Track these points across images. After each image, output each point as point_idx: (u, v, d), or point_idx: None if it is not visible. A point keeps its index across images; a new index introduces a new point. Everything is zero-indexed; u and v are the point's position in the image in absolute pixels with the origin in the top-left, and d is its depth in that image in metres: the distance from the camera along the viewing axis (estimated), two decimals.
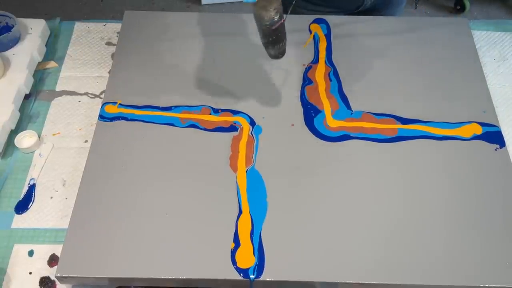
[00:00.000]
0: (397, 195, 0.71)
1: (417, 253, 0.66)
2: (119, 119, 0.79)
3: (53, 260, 0.69)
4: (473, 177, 0.73)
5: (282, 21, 0.66)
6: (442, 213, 0.70)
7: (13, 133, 0.81)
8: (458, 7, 2.15)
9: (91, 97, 0.87)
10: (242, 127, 0.78)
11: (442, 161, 0.75)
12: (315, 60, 0.88)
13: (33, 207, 0.74)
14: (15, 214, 0.73)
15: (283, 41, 0.70)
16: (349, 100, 0.82)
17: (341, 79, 0.85)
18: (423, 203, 0.71)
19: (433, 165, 0.74)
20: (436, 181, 0.73)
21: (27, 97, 0.86)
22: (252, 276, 0.63)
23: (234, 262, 0.65)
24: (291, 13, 0.74)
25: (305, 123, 0.79)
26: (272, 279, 0.64)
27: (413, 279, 0.64)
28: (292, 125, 0.79)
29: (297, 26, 0.93)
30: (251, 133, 0.78)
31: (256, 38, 0.91)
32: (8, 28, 0.90)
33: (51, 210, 0.73)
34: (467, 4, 2.11)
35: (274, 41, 0.69)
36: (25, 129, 0.82)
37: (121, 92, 0.82)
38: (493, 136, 0.78)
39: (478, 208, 0.70)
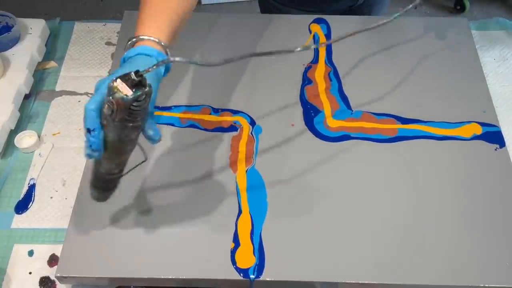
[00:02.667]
0: (397, 195, 0.71)
1: (417, 253, 0.66)
2: None
3: (53, 260, 0.69)
4: (473, 177, 0.73)
5: (118, 176, 0.59)
6: (442, 213, 0.70)
7: (13, 133, 0.80)
8: (458, 7, 2.15)
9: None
10: (242, 127, 0.78)
11: (442, 161, 0.75)
12: (315, 60, 0.88)
13: (33, 207, 0.74)
14: (15, 214, 0.73)
15: (111, 192, 0.61)
16: (349, 100, 0.82)
17: (341, 79, 0.85)
18: (423, 203, 0.71)
19: (433, 165, 0.74)
20: (436, 181, 0.73)
21: (27, 97, 0.86)
22: (252, 276, 0.63)
23: (234, 262, 0.65)
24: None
25: (305, 123, 0.79)
26: (272, 279, 0.64)
27: (413, 279, 0.64)
28: (292, 125, 0.79)
29: (297, 26, 0.93)
30: (251, 133, 0.77)
31: (256, 38, 0.91)
32: (8, 28, 0.90)
33: (51, 210, 0.73)
34: (467, 4, 2.12)
35: (104, 188, 0.61)
36: (25, 129, 0.82)
37: None
38: (493, 136, 0.78)
39: (478, 208, 0.70)
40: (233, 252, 0.66)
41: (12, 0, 1.31)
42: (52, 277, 0.67)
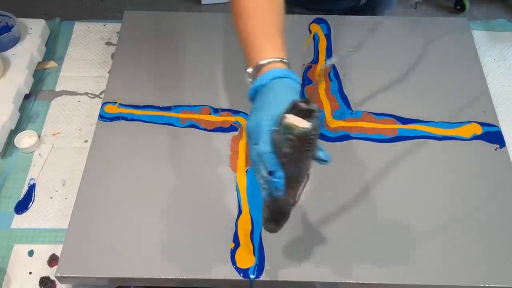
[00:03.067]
0: (397, 195, 0.71)
1: (417, 253, 0.66)
2: (119, 119, 0.79)
3: (53, 260, 0.69)
4: (473, 177, 0.73)
5: (295, 205, 0.57)
6: (442, 213, 0.70)
7: (13, 133, 0.80)
8: (458, 7, 2.15)
9: (91, 97, 0.87)
10: (242, 127, 0.78)
11: (442, 161, 0.75)
12: (315, 60, 0.88)
13: (33, 207, 0.74)
14: (15, 214, 0.73)
15: (286, 220, 0.60)
16: (349, 100, 0.82)
17: (341, 79, 0.85)
18: (423, 203, 0.71)
19: (433, 165, 0.74)
20: (436, 181, 0.73)
21: (27, 97, 0.86)
22: (252, 276, 0.63)
23: (234, 262, 0.65)
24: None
25: None
26: (272, 279, 0.64)
27: (413, 279, 0.64)
28: None
29: (297, 26, 0.93)
30: None
31: None
32: (8, 28, 0.90)
33: (51, 210, 0.73)
34: (467, 4, 2.12)
35: (281, 219, 0.59)
36: (25, 129, 0.82)
37: (121, 92, 0.82)
38: (493, 136, 0.78)
39: (478, 208, 0.70)
40: (233, 252, 0.65)
41: (12, 0, 1.30)
42: (52, 277, 0.67)
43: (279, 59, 0.56)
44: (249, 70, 0.57)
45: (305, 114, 0.46)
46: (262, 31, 0.58)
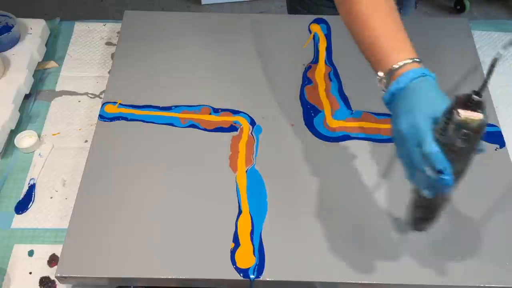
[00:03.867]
0: (397, 195, 0.71)
1: (417, 253, 0.66)
2: (119, 119, 0.79)
3: (53, 260, 0.69)
4: (473, 177, 0.73)
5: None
6: (442, 213, 0.69)
7: (13, 133, 0.80)
8: (458, 7, 2.15)
9: (91, 97, 0.87)
10: (242, 127, 0.78)
11: None
12: (315, 60, 0.88)
13: (33, 207, 0.74)
14: (15, 214, 0.73)
15: (438, 217, 0.62)
16: (349, 100, 0.82)
17: (341, 79, 0.85)
18: None
19: None
20: None
21: (27, 97, 0.86)
22: (252, 276, 0.63)
23: (234, 262, 0.65)
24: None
25: (305, 123, 0.79)
26: (272, 279, 0.64)
27: (413, 279, 0.64)
28: (292, 125, 0.79)
29: (297, 26, 0.93)
30: (251, 133, 0.77)
31: (256, 38, 0.91)
32: (8, 28, 0.90)
33: (51, 210, 0.73)
34: (467, 4, 2.11)
35: (434, 216, 0.61)
36: (25, 129, 0.82)
37: (121, 92, 0.82)
38: (493, 136, 0.78)
39: (478, 208, 0.70)
40: (233, 252, 0.65)
41: (12, 0, 1.30)
42: (52, 277, 0.67)
43: (412, 59, 0.55)
44: (381, 74, 0.56)
45: (474, 106, 0.48)
46: (389, 33, 0.57)
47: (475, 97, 0.47)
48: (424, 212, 0.60)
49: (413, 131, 0.51)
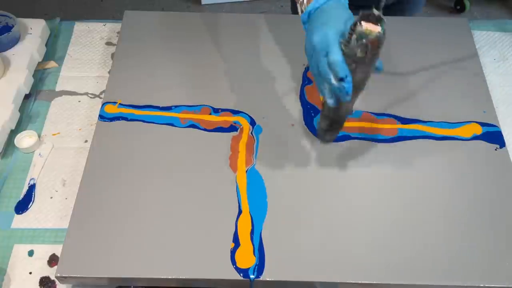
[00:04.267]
0: (397, 195, 0.71)
1: (417, 253, 0.66)
2: (119, 119, 0.79)
3: (53, 260, 0.69)
4: (473, 177, 0.73)
5: (352, 112, 0.67)
6: (442, 213, 0.70)
7: (13, 133, 0.81)
8: (458, 7, 2.15)
9: (91, 97, 0.87)
10: (242, 127, 0.78)
11: (442, 161, 0.75)
12: None
13: (33, 207, 0.74)
14: (15, 214, 0.73)
15: (341, 128, 0.71)
16: None
17: None
18: (423, 203, 0.71)
19: (433, 165, 0.74)
20: (436, 181, 0.73)
21: (27, 97, 0.86)
22: (252, 276, 0.63)
23: (234, 262, 0.65)
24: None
25: (305, 123, 0.79)
26: (272, 279, 0.64)
27: (413, 279, 0.64)
28: (292, 125, 0.79)
29: (297, 26, 0.93)
30: (252, 133, 0.77)
31: (256, 38, 0.91)
32: (8, 28, 0.90)
33: (51, 210, 0.73)
34: (467, 4, 2.11)
35: (338, 128, 0.71)
36: (25, 129, 0.82)
37: (121, 92, 0.82)
38: (493, 136, 0.78)
39: (478, 208, 0.70)
40: (233, 252, 0.66)
41: (12, 0, 1.30)
42: (52, 277, 0.67)
43: None
44: None
45: (375, 21, 0.54)
46: None
47: (375, 11, 0.54)
48: (328, 123, 0.69)
49: (323, 43, 0.58)
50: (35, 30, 0.92)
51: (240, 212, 0.69)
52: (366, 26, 0.54)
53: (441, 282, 0.64)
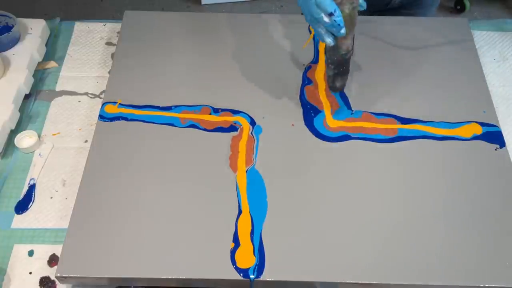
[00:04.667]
0: (397, 195, 0.71)
1: (417, 253, 0.66)
2: (119, 119, 0.79)
3: (53, 260, 0.69)
4: (473, 177, 0.73)
5: (352, 52, 0.72)
6: (442, 213, 0.70)
7: (13, 133, 0.81)
8: (458, 7, 2.15)
9: (91, 97, 0.87)
10: (242, 127, 0.78)
11: (442, 161, 0.75)
12: (315, 60, 0.88)
13: (33, 207, 0.74)
14: (15, 214, 0.73)
15: (348, 73, 0.76)
16: (349, 100, 0.82)
17: None
18: (423, 203, 0.71)
19: (433, 165, 0.74)
20: (436, 181, 0.73)
21: (27, 97, 0.86)
22: (252, 276, 0.63)
23: (234, 262, 0.65)
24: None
25: (305, 123, 0.79)
26: (273, 279, 0.64)
27: (413, 279, 0.64)
28: (292, 125, 0.79)
29: (297, 26, 0.93)
30: (252, 133, 0.77)
31: (256, 38, 0.91)
32: (8, 28, 0.90)
33: (51, 210, 0.73)
34: (467, 4, 2.11)
35: (344, 72, 0.75)
36: (25, 129, 0.82)
37: (121, 92, 0.82)
38: (493, 136, 0.78)
39: (478, 208, 0.70)
40: (233, 252, 0.66)
41: (12, 0, 1.30)
42: (52, 277, 0.67)
43: None
44: None
45: None
46: None
47: None
48: (333, 67, 0.74)
49: None
50: (35, 30, 0.92)
51: (240, 212, 0.69)
52: None
53: (441, 282, 0.64)
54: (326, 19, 0.65)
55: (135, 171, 0.73)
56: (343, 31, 0.65)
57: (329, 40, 0.67)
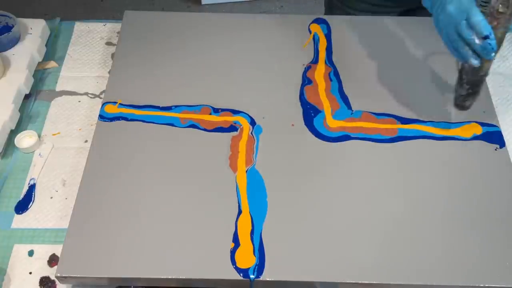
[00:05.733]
0: (397, 195, 0.71)
1: (417, 253, 0.66)
2: (119, 119, 0.79)
3: (53, 260, 0.69)
4: (473, 177, 0.73)
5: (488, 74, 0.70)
6: (442, 213, 0.70)
7: (13, 133, 0.81)
8: None
9: (91, 97, 0.87)
10: (242, 127, 0.78)
11: (442, 161, 0.75)
12: (315, 60, 0.88)
13: (33, 207, 0.74)
14: (15, 214, 0.73)
15: (479, 94, 0.74)
16: (349, 100, 0.82)
17: (341, 79, 0.85)
18: (423, 203, 0.71)
19: (433, 165, 0.74)
20: (436, 181, 0.73)
21: (27, 97, 0.86)
22: (252, 276, 0.63)
23: (234, 262, 0.65)
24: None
25: (305, 123, 0.79)
26: (272, 279, 0.64)
27: (413, 279, 0.64)
28: (292, 125, 0.79)
29: (297, 26, 0.93)
30: (252, 133, 0.78)
31: (256, 38, 0.91)
32: (8, 28, 0.90)
33: (51, 210, 0.73)
34: None
35: (477, 92, 0.73)
36: (25, 129, 0.82)
37: (121, 92, 0.82)
38: (493, 136, 0.78)
39: (478, 208, 0.70)
40: (233, 252, 0.66)
41: (12, 0, 1.30)
42: (52, 277, 0.67)
43: None
44: None
45: None
46: None
47: None
48: (468, 88, 0.72)
49: (460, 9, 0.64)
50: (35, 30, 0.92)
51: (240, 212, 0.69)
52: None
53: (441, 282, 0.64)
54: (477, 41, 0.63)
55: (135, 171, 0.73)
56: (493, 54, 0.64)
57: (476, 62, 0.65)
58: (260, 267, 0.64)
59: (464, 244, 0.67)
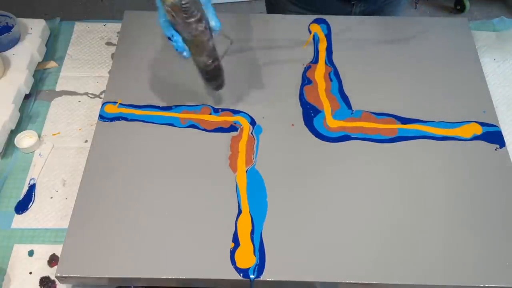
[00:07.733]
0: (397, 195, 0.71)
1: (416, 253, 0.66)
2: (119, 119, 0.79)
3: (53, 260, 0.69)
4: (473, 177, 0.73)
5: (216, 63, 0.72)
6: (442, 213, 0.70)
7: (13, 133, 0.81)
8: (458, 7, 2.15)
9: (91, 97, 0.87)
10: (242, 127, 0.78)
11: (442, 161, 0.75)
12: (315, 60, 0.88)
13: (33, 207, 0.74)
14: (15, 214, 0.73)
15: (221, 77, 0.75)
16: (349, 100, 0.82)
17: (341, 79, 0.85)
18: (423, 203, 0.71)
19: (433, 165, 0.74)
20: (436, 181, 0.73)
21: (27, 97, 0.86)
22: (252, 276, 0.63)
23: (234, 262, 0.65)
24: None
25: (305, 123, 0.79)
26: (272, 279, 0.64)
27: (413, 279, 0.64)
28: (292, 125, 0.79)
29: (297, 26, 0.93)
30: (252, 133, 0.78)
31: (256, 38, 0.91)
32: (8, 28, 0.90)
33: (51, 210, 0.73)
34: (467, 4, 2.12)
35: (213, 78, 0.74)
36: (25, 129, 0.82)
37: (121, 92, 0.82)
38: (493, 136, 0.78)
39: (478, 208, 0.70)
40: (233, 252, 0.66)
41: (12, 0, 1.31)
42: (52, 277, 0.67)
43: None
44: None
45: None
46: None
47: None
48: (201, 75, 0.74)
49: (157, 6, 0.66)
50: (35, 30, 0.92)
51: (240, 212, 0.69)
52: None
53: (441, 282, 0.64)
54: (168, 40, 0.67)
55: (135, 171, 0.73)
56: (185, 54, 0.68)
57: (185, 54, 0.69)
58: (260, 267, 0.64)
59: (464, 244, 0.67)
